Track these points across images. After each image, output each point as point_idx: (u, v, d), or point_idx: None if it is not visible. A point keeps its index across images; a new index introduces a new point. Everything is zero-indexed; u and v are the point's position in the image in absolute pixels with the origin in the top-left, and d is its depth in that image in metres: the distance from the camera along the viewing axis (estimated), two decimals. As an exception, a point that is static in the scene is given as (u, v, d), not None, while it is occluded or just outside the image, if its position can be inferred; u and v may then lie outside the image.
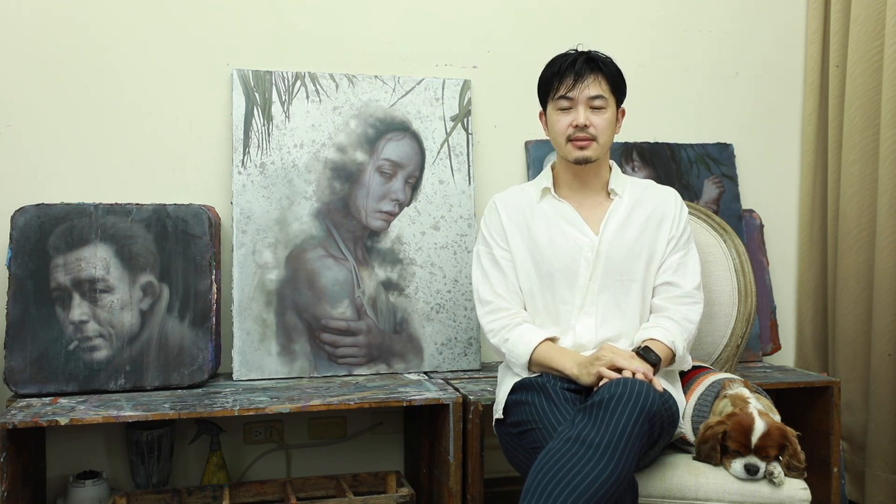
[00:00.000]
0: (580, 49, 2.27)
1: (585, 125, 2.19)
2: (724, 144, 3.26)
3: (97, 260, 2.57)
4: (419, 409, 2.73)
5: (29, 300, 2.51)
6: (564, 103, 2.21)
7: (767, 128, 3.37)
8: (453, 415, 2.42)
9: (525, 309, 2.28)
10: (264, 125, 2.81)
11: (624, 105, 2.31)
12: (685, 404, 2.18)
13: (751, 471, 1.97)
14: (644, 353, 2.08)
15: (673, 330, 2.18)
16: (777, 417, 2.06)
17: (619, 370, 1.99)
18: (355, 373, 2.80)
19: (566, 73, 2.21)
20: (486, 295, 2.29)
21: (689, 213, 2.41)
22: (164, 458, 2.69)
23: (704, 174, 3.20)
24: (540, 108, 2.34)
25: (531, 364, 2.18)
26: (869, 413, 3.02)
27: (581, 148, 2.21)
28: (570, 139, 2.22)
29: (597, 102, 2.20)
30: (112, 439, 2.77)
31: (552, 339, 2.21)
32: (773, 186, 3.38)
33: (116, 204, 2.62)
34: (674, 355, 2.16)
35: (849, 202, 3.12)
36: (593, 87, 2.20)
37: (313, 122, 2.85)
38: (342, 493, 2.62)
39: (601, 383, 1.96)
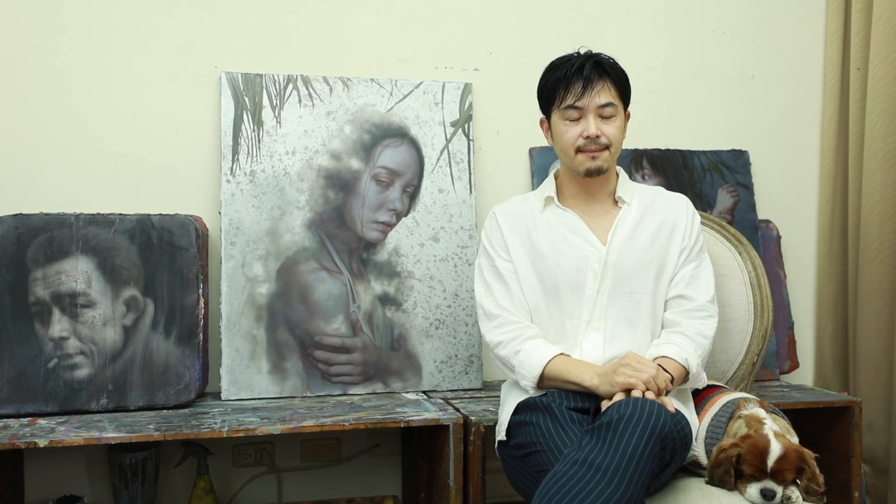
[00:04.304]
0: (581, 51, 2.21)
1: (597, 136, 2.14)
2: (739, 151, 3.21)
3: (78, 273, 2.53)
4: (417, 431, 2.69)
5: (6, 315, 2.46)
6: (573, 113, 2.15)
7: (785, 134, 3.33)
8: (454, 436, 2.37)
9: (532, 322, 2.23)
10: (254, 131, 2.77)
11: (632, 109, 2.26)
12: (698, 425, 2.13)
13: (767, 496, 1.91)
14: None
15: (686, 346, 2.12)
16: (794, 439, 2.01)
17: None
18: (350, 392, 2.74)
19: (573, 79, 2.14)
20: (491, 308, 2.22)
21: (702, 223, 2.38)
22: (149, 482, 2.63)
23: (718, 182, 3.15)
24: (541, 115, 2.28)
25: (542, 378, 2.11)
26: (892, 434, 2.98)
27: (593, 158, 2.15)
28: (580, 150, 2.16)
29: (607, 110, 2.15)
30: (94, 462, 2.73)
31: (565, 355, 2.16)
32: (790, 195, 3.34)
33: (98, 214, 2.57)
34: (687, 373, 2.11)
35: (871, 212, 3.07)
36: (603, 94, 2.14)
37: (306, 127, 2.81)
38: (336, 518, 2.59)
39: (607, 404, 1.91)
